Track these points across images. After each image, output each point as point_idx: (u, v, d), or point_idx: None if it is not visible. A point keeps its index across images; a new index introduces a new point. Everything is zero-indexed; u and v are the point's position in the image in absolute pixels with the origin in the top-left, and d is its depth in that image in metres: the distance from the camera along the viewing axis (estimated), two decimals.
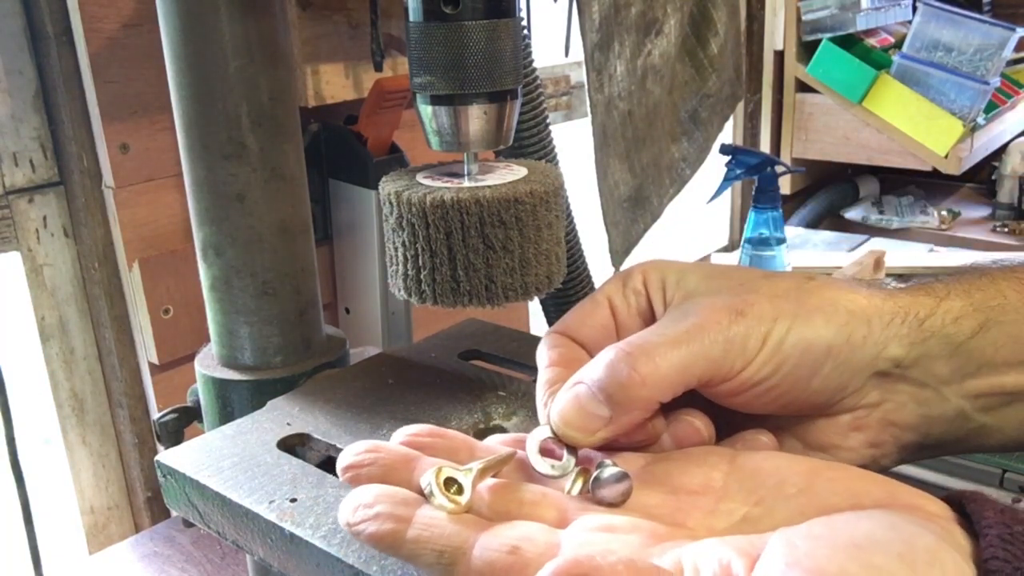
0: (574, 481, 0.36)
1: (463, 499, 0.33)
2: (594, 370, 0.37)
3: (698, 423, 0.39)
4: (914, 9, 2.01)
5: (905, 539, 0.28)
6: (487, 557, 0.30)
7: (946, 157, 1.92)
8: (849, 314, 0.37)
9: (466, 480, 0.33)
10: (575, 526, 0.33)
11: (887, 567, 0.27)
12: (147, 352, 0.92)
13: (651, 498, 0.35)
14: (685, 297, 0.40)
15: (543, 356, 0.42)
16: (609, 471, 0.35)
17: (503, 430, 0.53)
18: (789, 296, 0.38)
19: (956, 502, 0.31)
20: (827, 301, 0.38)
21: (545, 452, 0.37)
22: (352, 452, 0.35)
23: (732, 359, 0.36)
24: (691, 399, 0.39)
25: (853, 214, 2.23)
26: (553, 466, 0.37)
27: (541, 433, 0.38)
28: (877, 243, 1.68)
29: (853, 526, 0.29)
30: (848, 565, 0.27)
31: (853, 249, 1.65)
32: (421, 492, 0.33)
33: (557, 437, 0.37)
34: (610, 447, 0.39)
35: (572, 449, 0.37)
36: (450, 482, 0.33)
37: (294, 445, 0.53)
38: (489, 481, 0.35)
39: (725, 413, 0.40)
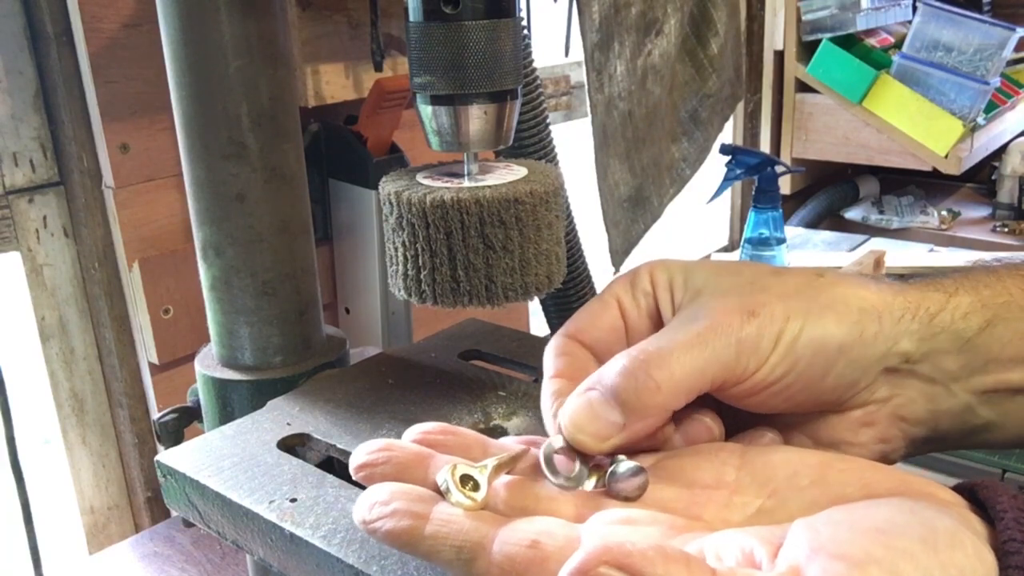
0: (588, 477, 0.36)
1: (479, 495, 0.33)
2: (607, 376, 0.36)
3: (708, 421, 0.39)
4: (914, 9, 2.01)
5: (925, 523, 0.28)
6: (507, 552, 0.30)
7: (946, 157, 1.92)
8: (861, 311, 0.37)
9: (482, 477, 0.33)
10: (594, 520, 0.33)
11: (910, 549, 0.27)
12: (147, 352, 0.92)
13: (666, 492, 0.35)
14: (694, 296, 0.40)
15: (549, 364, 0.41)
16: (625, 465, 0.35)
17: (503, 430, 0.53)
18: (800, 294, 0.38)
19: (967, 491, 0.31)
20: (838, 298, 0.38)
21: (556, 464, 0.36)
22: (365, 451, 0.34)
23: (745, 361, 0.36)
24: (699, 398, 0.39)
25: (853, 214, 2.23)
26: (567, 478, 0.36)
27: (551, 445, 0.37)
28: (877, 243, 1.68)
29: (873, 512, 0.29)
30: (872, 548, 0.27)
31: (853, 249, 1.65)
32: (436, 490, 0.33)
33: (568, 447, 0.37)
34: (617, 451, 0.38)
35: (584, 459, 0.37)
36: (466, 479, 0.33)
37: (294, 445, 0.53)
38: (505, 478, 0.35)
39: (731, 412, 0.40)
